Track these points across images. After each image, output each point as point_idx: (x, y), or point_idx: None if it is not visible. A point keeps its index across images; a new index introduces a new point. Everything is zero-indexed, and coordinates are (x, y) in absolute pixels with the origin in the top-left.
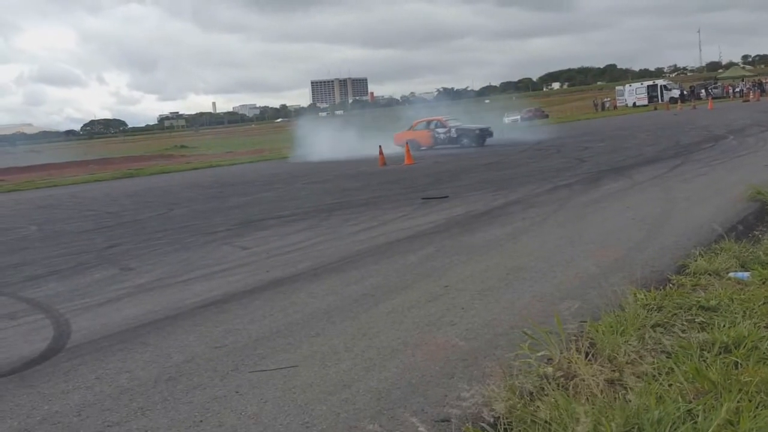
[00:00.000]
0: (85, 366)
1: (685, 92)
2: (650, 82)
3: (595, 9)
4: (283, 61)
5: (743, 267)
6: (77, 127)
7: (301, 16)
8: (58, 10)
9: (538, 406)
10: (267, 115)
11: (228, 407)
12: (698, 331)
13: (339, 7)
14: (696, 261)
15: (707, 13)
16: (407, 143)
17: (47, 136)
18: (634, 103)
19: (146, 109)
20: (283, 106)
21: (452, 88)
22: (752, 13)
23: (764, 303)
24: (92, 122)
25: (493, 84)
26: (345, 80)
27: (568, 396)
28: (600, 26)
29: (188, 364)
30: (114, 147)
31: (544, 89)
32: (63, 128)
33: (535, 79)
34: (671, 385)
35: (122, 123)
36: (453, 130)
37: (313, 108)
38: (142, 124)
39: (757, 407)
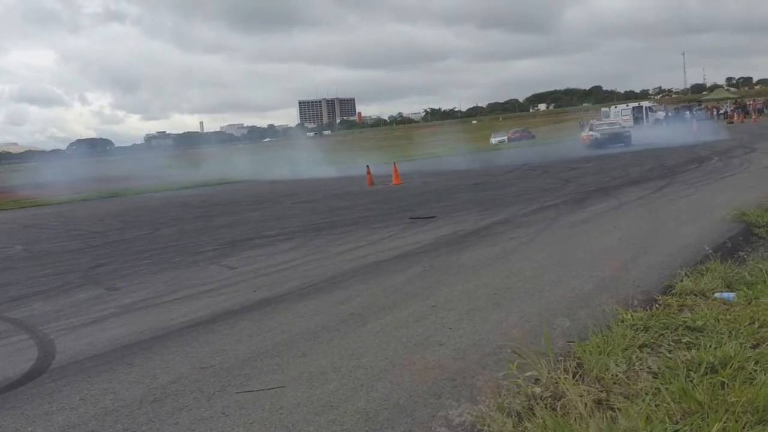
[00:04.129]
0: (69, 387)
1: (669, 114)
2: (635, 104)
3: (576, 31)
4: (267, 82)
5: (729, 287)
6: (62, 146)
7: (283, 36)
8: (36, 30)
9: (527, 427)
10: (255, 134)
11: (214, 428)
12: (685, 351)
13: (321, 27)
14: (682, 281)
15: (690, 35)
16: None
17: (33, 156)
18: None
19: (130, 128)
20: (271, 126)
21: (439, 109)
22: (733, 35)
23: (750, 323)
24: (78, 141)
25: (480, 105)
26: (332, 100)
27: (556, 416)
28: (582, 48)
29: (174, 384)
30: (101, 167)
31: (531, 110)
32: (47, 147)
33: (521, 101)
34: (658, 405)
35: (108, 142)
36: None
37: (300, 128)
38: (129, 144)
39: (743, 427)
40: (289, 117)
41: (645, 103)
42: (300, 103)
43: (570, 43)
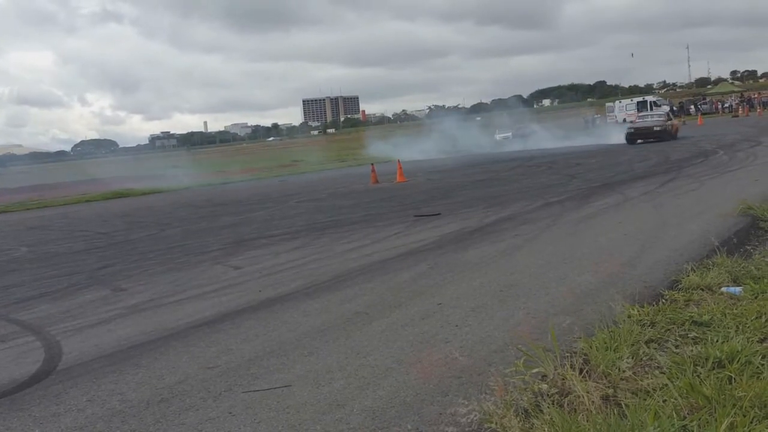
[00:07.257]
0: (76, 388)
1: (674, 108)
2: (640, 99)
3: (577, 27)
4: (268, 81)
5: (735, 282)
6: (65, 147)
7: (281, 35)
8: (34, 31)
9: (534, 424)
10: (259, 134)
11: (221, 428)
12: (692, 347)
13: (319, 26)
14: (688, 276)
15: (693, 29)
16: None
17: (37, 157)
18: (624, 120)
19: (133, 129)
20: (275, 125)
21: (443, 106)
22: (737, 28)
23: (757, 317)
24: (82, 143)
25: (484, 101)
26: (336, 98)
27: (563, 413)
28: (584, 44)
29: (181, 385)
30: (106, 167)
31: (535, 106)
32: (50, 149)
33: (525, 96)
34: (665, 400)
35: (113, 143)
36: None
37: (304, 126)
38: (133, 144)
39: (751, 422)
40: (292, 116)
41: (649, 98)
42: (304, 101)
43: (571, 39)
